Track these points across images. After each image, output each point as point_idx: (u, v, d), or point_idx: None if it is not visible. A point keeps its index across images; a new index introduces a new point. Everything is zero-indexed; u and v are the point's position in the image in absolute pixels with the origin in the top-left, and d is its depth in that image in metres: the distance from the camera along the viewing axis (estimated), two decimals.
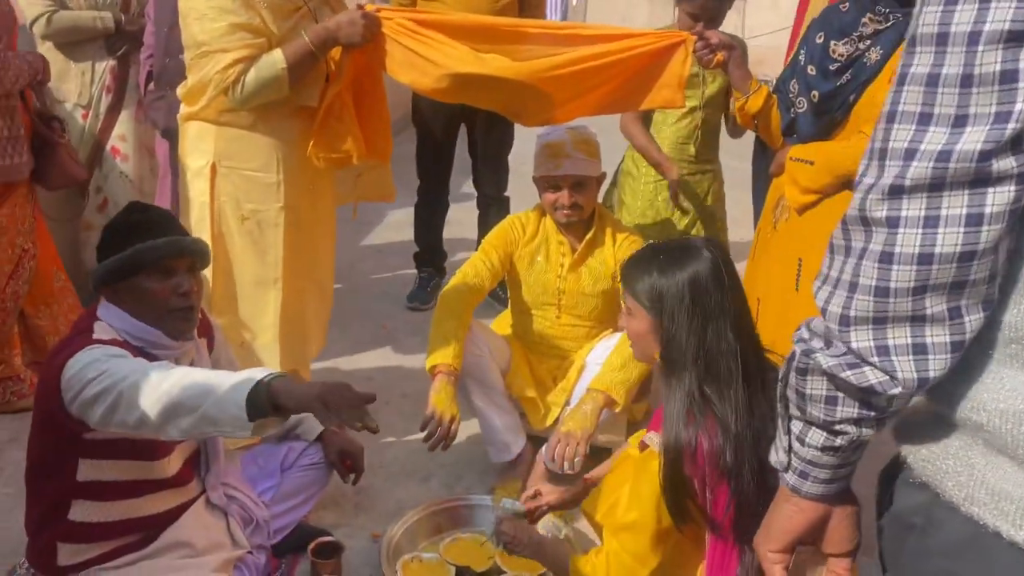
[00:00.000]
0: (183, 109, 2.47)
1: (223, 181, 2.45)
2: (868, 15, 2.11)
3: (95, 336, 1.82)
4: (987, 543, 0.80)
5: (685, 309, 1.68)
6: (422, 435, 2.34)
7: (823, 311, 0.86)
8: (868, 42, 2.10)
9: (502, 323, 3.00)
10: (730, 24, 2.99)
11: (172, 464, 2.00)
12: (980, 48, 0.69)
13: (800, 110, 2.25)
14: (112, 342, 1.82)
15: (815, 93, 2.19)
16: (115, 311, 1.91)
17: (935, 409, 0.86)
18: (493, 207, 4.02)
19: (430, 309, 4.00)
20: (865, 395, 0.84)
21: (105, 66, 3.48)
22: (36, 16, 3.29)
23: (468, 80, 2.33)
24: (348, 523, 2.52)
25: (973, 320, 0.77)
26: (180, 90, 2.43)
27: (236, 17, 2.24)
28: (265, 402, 1.59)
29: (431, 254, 4.16)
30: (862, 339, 0.81)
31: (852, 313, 0.81)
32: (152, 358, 1.87)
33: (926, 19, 0.74)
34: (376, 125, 2.58)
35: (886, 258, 0.78)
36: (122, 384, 1.65)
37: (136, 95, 3.58)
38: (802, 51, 2.29)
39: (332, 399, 1.59)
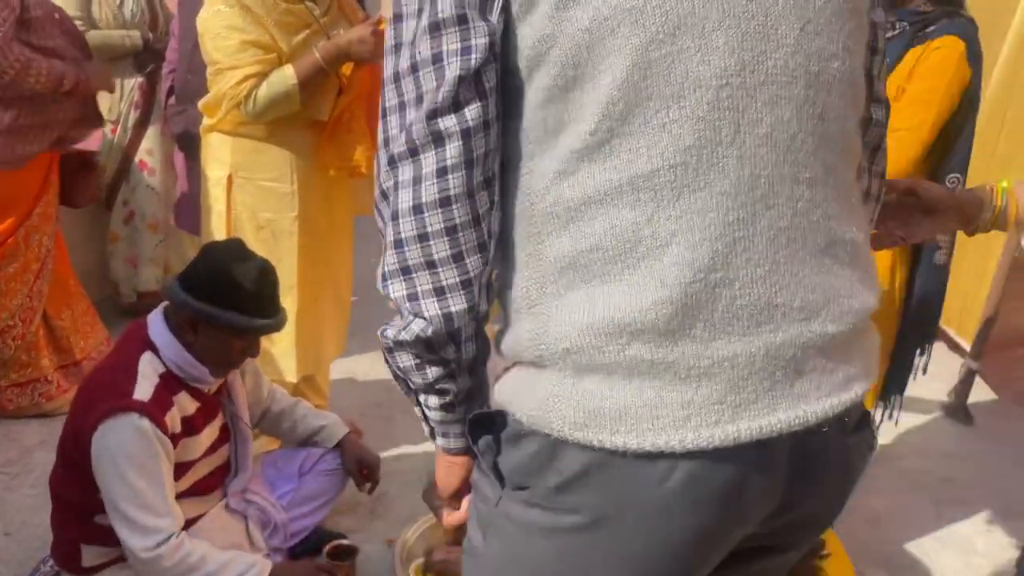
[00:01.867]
0: (204, 121, 2.55)
1: (239, 192, 2.51)
2: None
3: (136, 390, 1.86)
4: (606, 463, 0.90)
5: None
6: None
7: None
8: None
9: None
10: None
11: (197, 474, 2.06)
12: (416, 45, 0.89)
13: None
14: (151, 402, 1.86)
15: None
16: (171, 339, 1.96)
17: (524, 359, 0.97)
18: None
19: None
20: (424, 348, 0.96)
21: (134, 83, 3.58)
22: None
23: None
24: (363, 528, 2.55)
25: (473, 262, 0.92)
26: (200, 103, 2.51)
27: (246, 35, 2.31)
28: None
29: None
30: (397, 290, 0.94)
31: (387, 269, 0.95)
32: (192, 389, 1.98)
33: (386, 37, 0.95)
34: None
35: (395, 215, 0.92)
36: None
37: (162, 111, 3.68)
38: None
39: None
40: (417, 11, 0.89)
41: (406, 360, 0.99)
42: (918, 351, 2.28)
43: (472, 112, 0.88)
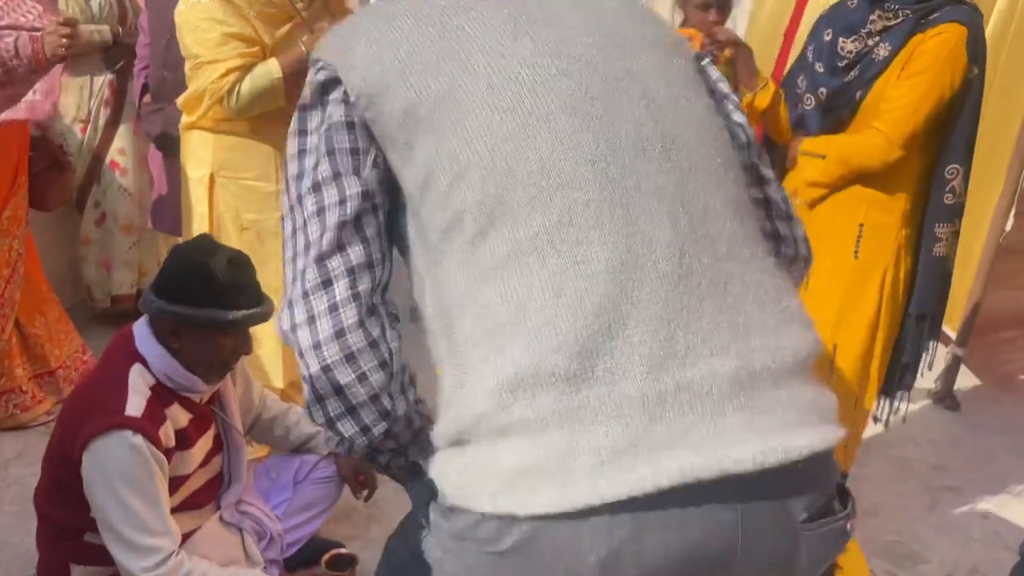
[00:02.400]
0: (183, 119, 2.46)
1: (222, 191, 2.43)
2: (877, 12, 2.10)
3: (127, 406, 1.78)
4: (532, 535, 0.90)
5: None
6: None
7: None
8: (877, 38, 2.09)
9: None
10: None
11: (190, 487, 1.99)
12: (303, 203, 1.00)
13: (808, 107, 2.23)
14: (143, 418, 1.78)
15: (823, 90, 2.17)
16: (158, 349, 1.87)
17: (449, 441, 1.00)
18: None
19: None
20: (365, 450, 1.07)
21: (103, 80, 3.46)
22: None
23: None
24: (361, 535, 2.49)
25: (376, 379, 1.00)
26: (179, 100, 2.42)
27: (228, 27, 2.23)
28: None
29: None
30: (317, 417, 1.02)
31: (306, 399, 1.03)
32: (182, 397, 1.90)
33: (282, 202, 1.06)
34: None
35: (300, 354, 1.00)
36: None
37: (134, 109, 3.56)
38: (810, 47, 2.28)
39: None
40: (297, 176, 1.02)
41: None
42: (924, 346, 2.26)
43: (355, 253, 0.99)
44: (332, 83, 1.01)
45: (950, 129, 2.10)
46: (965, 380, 3.67)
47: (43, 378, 3.03)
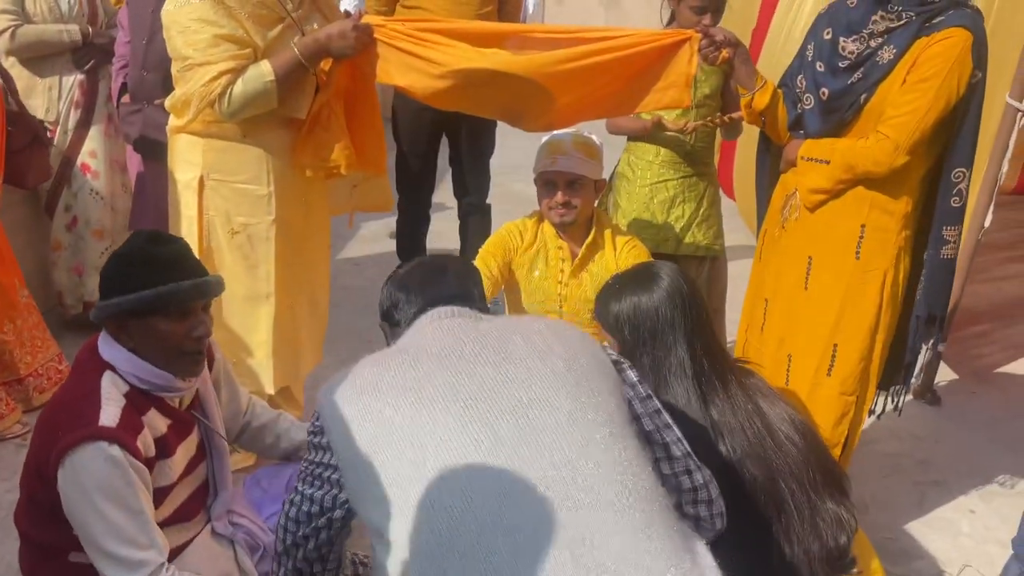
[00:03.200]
0: (171, 121, 2.39)
1: (212, 194, 2.37)
2: (880, 12, 2.09)
3: (101, 415, 1.69)
4: None
5: (634, 329, 1.80)
6: None
7: None
8: (880, 40, 2.08)
9: None
10: None
11: (176, 499, 1.92)
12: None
13: (808, 107, 2.22)
14: (119, 427, 1.70)
15: (824, 90, 2.17)
16: (121, 352, 1.79)
17: None
18: (475, 215, 3.96)
19: None
20: None
21: (73, 81, 3.36)
22: None
23: (470, 78, 2.25)
24: (354, 544, 2.43)
25: None
26: (167, 102, 2.35)
27: (219, 28, 2.17)
28: None
29: None
30: None
31: None
32: (160, 402, 1.83)
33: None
34: (369, 135, 2.51)
35: None
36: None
37: (106, 110, 3.46)
38: (810, 45, 2.27)
39: None
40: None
41: None
42: (923, 345, 2.28)
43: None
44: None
45: (955, 133, 2.10)
46: (942, 374, 3.72)
47: (11, 386, 2.94)
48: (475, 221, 3.96)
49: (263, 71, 2.20)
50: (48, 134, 3.36)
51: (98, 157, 3.46)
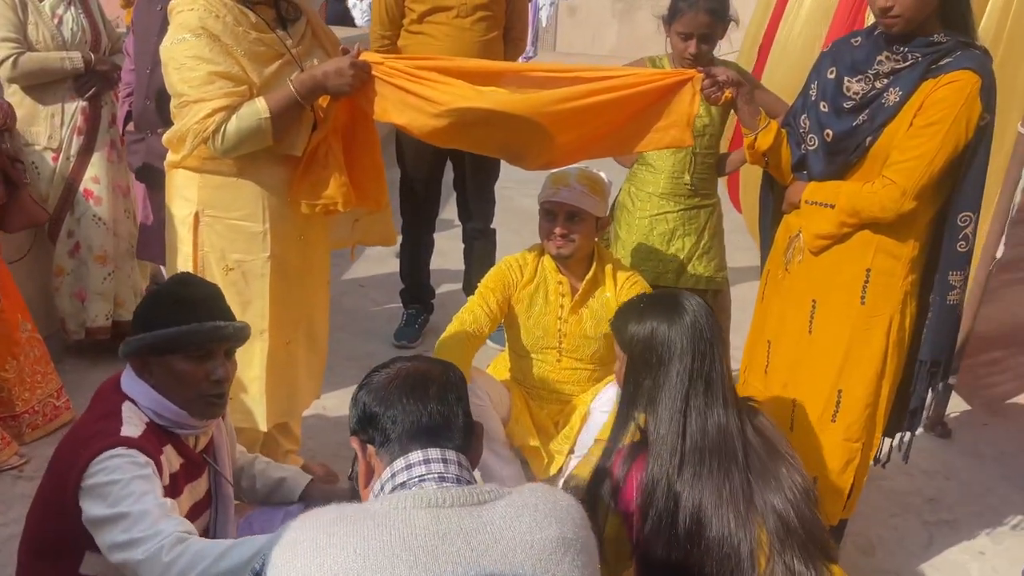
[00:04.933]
0: (168, 156, 2.37)
1: (207, 230, 2.34)
2: (885, 53, 2.05)
3: (123, 430, 1.73)
4: None
5: (647, 354, 1.82)
6: None
7: None
8: (885, 81, 2.04)
9: (499, 367, 2.91)
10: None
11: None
12: None
13: (811, 147, 2.18)
14: (141, 439, 1.72)
15: (828, 132, 2.12)
16: (142, 386, 1.82)
17: None
18: (479, 240, 3.94)
19: (418, 347, 3.93)
20: None
21: (76, 107, 3.35)
22: (2, 59, 3.15)
23: (467, 117, 2.22)
24: None
25: None
26: (164, 137, 2.33)
27: (214, 66, 2.14)
28: None
29: (418, 291, 4.06)
30: None
31: None
32: (176, 439, 1.85)
33: None
34: (368, 171, 2.48)
35: None
36: (138, 550, 1.59)
37: (108, 136, 3.46)
38: (813, 84, 2.22)
39: None
40: None
41: None
42: (930, 389, 2.23)
43: None
44: None
45: (962, 176, 2.05)
46: (954, 404, 3.65)
47: (5, 421, 2.92)
48: (479, 246, 3.94)
49: (258, 108, 2.17)
50: (51, 160, 3.36)
51: (101, 183, 3.45)
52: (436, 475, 1.30)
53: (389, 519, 1.19)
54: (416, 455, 1.32)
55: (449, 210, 4.19)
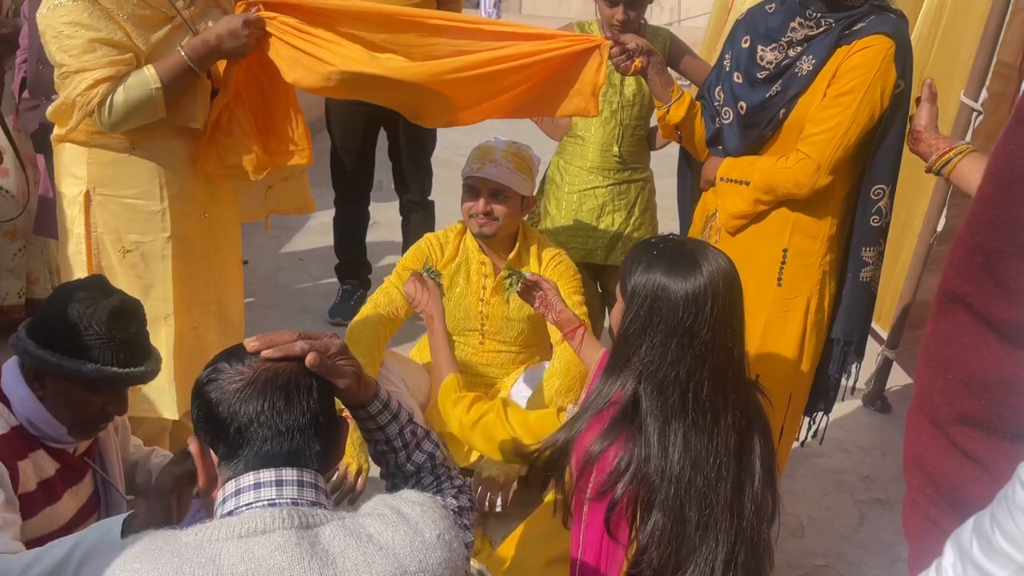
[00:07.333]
0: (55, 130, 2.21)
1: (100, 210, 2.20)
2: (798, 19, 1.95)
3: None
4: None
5: (646, 313, 1.52)
6: None
7: None
8: (799, 48, 1.94)
9: (422, 350, 2.81)
10: (666, 5, 2.78)
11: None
12: None
13: (726, 121, 2.08)
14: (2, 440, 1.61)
15: (742, 104, 2.02)
16: (25, 392, 1.70)
17: None
18: (417, 212, 3.81)
19: None
20: None
21: None
22: None
23: (361, 81, 2.10)
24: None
25: None
26: (49, 110, 2.17)
27: (95, 32, 1.99)
28: None
29: (354, 265, 3.93)
30: None
31: None
32: (49, 449, 1.74)
33: None
34: (281, 128, 2.32)
35: None
36: None
37: (14, 104, 3.27)
38: (727, 55, 2.11)
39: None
40: None
41: None
42: (845, 369, 2.16)
43: None
44: None
45: (876, 147, 1.96)
46: (895, 378, 3.63)
47: None
48: (416, 219, 3.81)
49: (147, 77, 2.03)
50: None
51: (7, 153, 3.25)
52: (288, 500, 1.12)
53: (196, 555, 1.04)
54: (267, 474, 1.14)
55: (388, 177, 4.03)
